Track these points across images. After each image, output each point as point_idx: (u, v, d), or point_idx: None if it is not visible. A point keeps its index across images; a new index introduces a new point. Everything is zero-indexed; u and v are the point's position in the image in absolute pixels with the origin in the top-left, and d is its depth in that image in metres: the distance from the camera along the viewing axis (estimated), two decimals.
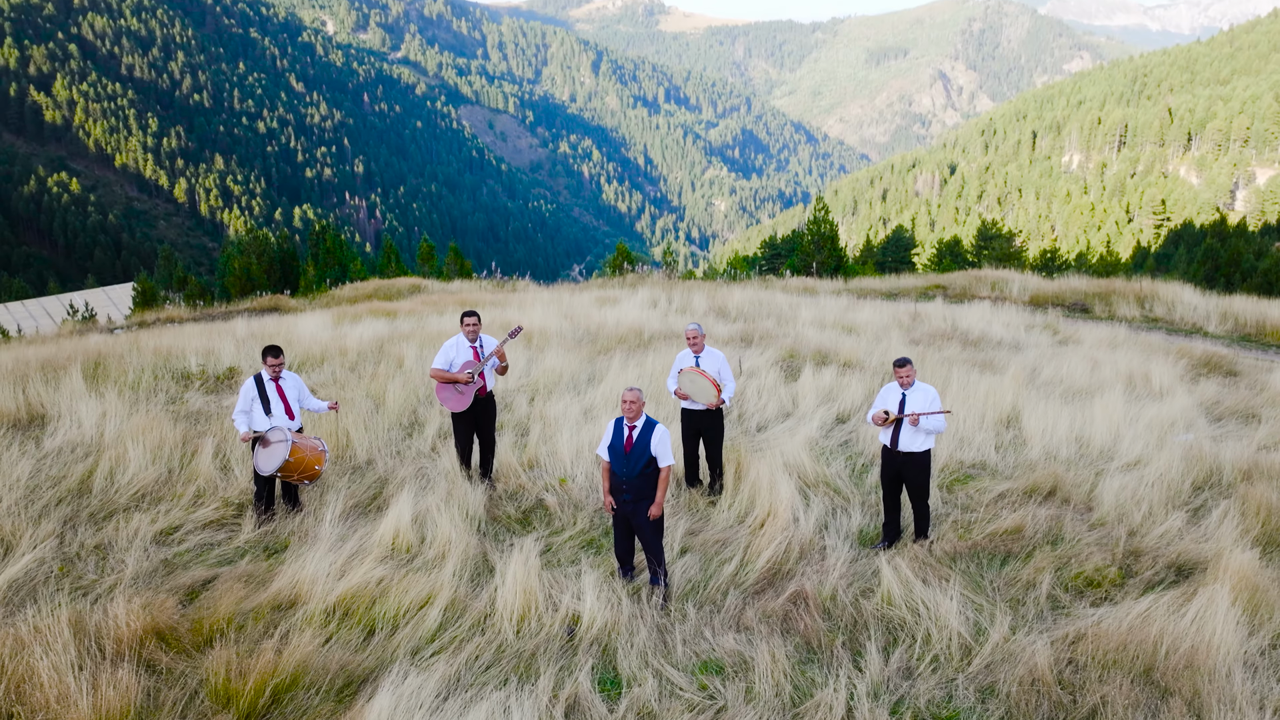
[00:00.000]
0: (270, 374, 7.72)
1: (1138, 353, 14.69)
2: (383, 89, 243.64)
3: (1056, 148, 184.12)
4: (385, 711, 5.20)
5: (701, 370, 8.41)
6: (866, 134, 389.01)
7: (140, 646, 5.72)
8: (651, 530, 6.92)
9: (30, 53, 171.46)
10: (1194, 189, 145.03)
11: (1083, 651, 6.26)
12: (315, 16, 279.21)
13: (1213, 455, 9.85)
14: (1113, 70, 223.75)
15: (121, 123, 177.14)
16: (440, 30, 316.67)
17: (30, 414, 10.19)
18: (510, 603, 6.55)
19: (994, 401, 11.41)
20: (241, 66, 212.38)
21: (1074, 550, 7.76)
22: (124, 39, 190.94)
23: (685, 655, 6.26)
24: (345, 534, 7.38)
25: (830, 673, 6.01)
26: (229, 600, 6.30)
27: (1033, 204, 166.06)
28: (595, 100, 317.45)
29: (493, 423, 8.73)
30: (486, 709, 5.35)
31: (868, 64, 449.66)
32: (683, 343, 14.03)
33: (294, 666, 5.68)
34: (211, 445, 8.99)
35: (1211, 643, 6.25)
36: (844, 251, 30.41)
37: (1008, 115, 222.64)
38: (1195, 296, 20.64)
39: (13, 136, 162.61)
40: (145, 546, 7.23)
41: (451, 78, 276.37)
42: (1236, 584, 6.91)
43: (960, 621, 6.58)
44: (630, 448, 6.79)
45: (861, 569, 7.47)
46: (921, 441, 7.74)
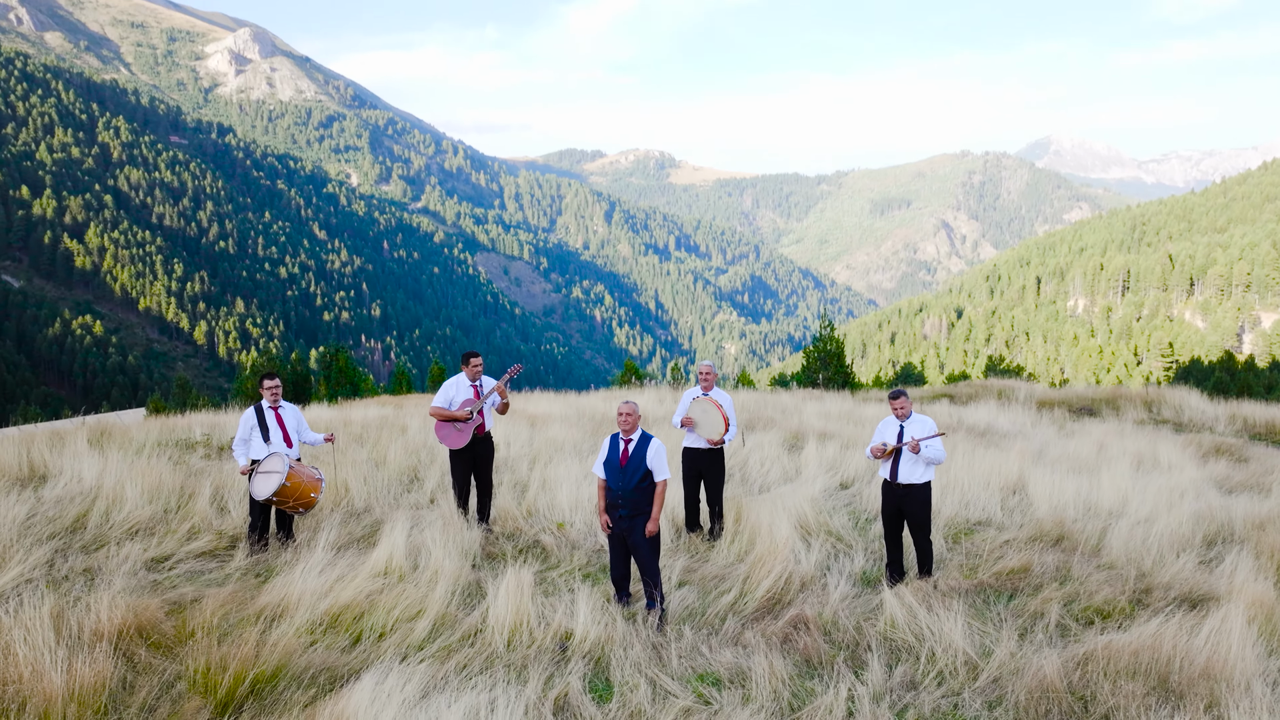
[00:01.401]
0: (269, 401, 7.78)
1: (1145, 439, 14.59)
2: (402, 236, 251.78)
3: (1061, 293, 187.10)
4: (365, 702, 5.01)
5: (715, 401, 8.45)
6: (873, 280, 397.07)
7: (120, 640, 5.58)
8: (648, 549, 6.80)
9: (67, 203, 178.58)
10: (1200, 332, 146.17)
11: (1093, 666, 6.03)
12: (340, 169, 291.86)
13: (1224, 512, 9.68)
14: (1112, 219, 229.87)
15: (148, 268, 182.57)
16: (459, 182, 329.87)
17: (33, 472, 10.19)
18: (502, 618, 6.39)
19: (999, 471, 11.28)
20: (267, 215, 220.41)
21: (1083, 587, 7.56)
22: (157, 190, 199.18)
23: (681, 668, 6.06)
24: (336, 560, 7.27)
25: (831, 684, 5.79)
26: (214, 609, 6.17)
27: (1040, 347, 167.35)
28: (608, 248, 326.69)
29: (490, 464, 8.70)
30: (471, 702, 5.16)
31: (872, 214, 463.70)
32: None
33: (276, 660, 5.52)
34: (209, 489, 8.96)
35: (1228, 659, 6.02)
36: (850, 369, 30.63)
37: (1011, 261, 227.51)
38: (1203, 402, 20.59)
39: (43, 281, 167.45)
40: (135, 570, 7.13)
41: (469, 226, 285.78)
42: (1252, 607, 6.70)
43: (966, 642, 6.36)
44: (626, 461, 6.76)
45: (864, 602, 7.27)
46: (921, 473, 7.67)
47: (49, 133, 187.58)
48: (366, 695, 4.95)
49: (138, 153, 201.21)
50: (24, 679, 4.88)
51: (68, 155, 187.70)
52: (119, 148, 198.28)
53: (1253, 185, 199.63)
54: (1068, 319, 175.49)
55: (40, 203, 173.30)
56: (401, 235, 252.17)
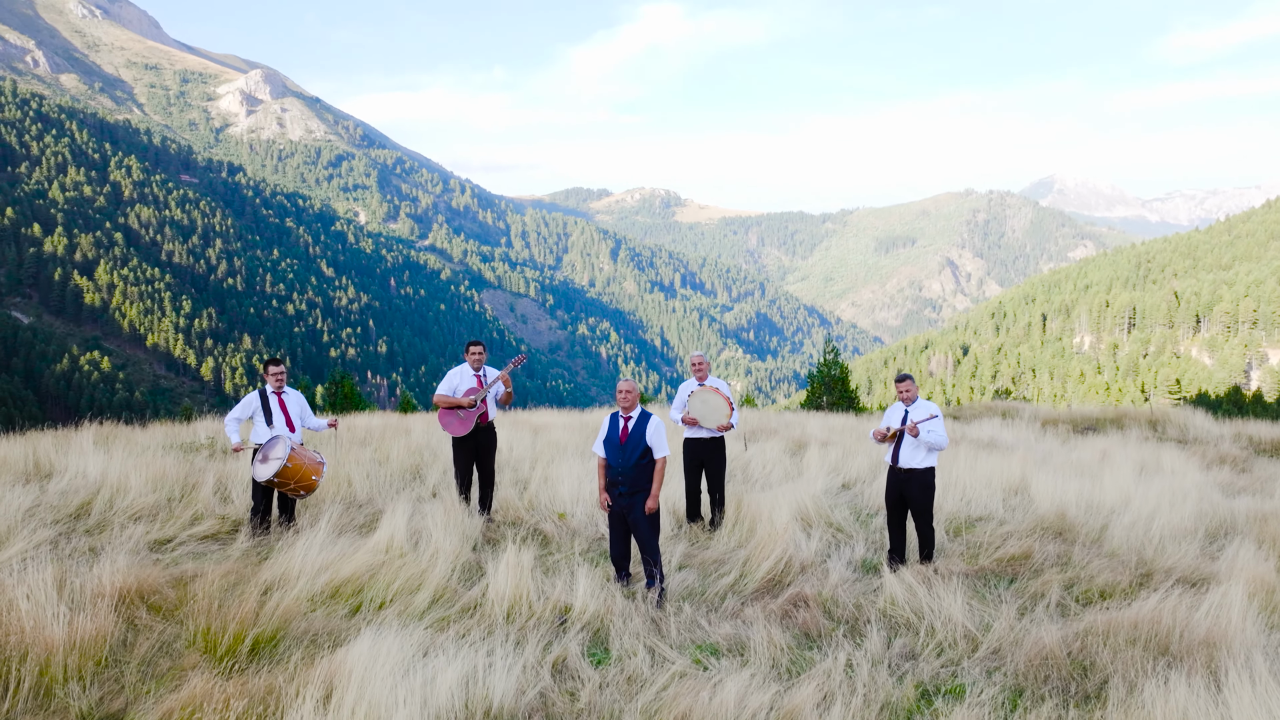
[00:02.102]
0: (273, 386, 7.86)
1: (1149, 450, 14.57)
2: (409, 274, 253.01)
3: (1067, 329, 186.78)
4: (364, 658, 5.01)
5: (717, 389, 8.47)
6: (879, 318, 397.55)
7: (121, 603, 5.62)
8: (647, 526, 6.83)
9: (78, 240, 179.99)
10: (1207, 369, 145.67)
11: (1094, 638, 6.02)
12: (349, 208, 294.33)
13: (1226, 510, 9.66)
14: (1116, 256, 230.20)
15: (156, 304, 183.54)
16: (467, 220, 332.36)
17: (39, 469, 10.24)
18: (501, 591, 6.40)
19: (1001, 473, 11.28)
20: (276, 253, 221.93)
21: (1083, 572, 7.55)
22: (167, 228, 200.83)
23: (680, 638, 6.06)
24: (338, 541, 7.29)
25: (830, 653, 5.78)
26: (216, 578, 6.20)
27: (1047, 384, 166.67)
28: (614, 285, 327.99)
29: (493, 454, 8.74)
30: (470, 661, 5.17)
31: (877, 252, 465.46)
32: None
33: (276, 623, 5.55)
34: (213, 480, 9.01)
35: (1228, 630, 6.01)
36: (855, 394, 30.62)
37: (1017, 299, 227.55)
38: (1209, 422, 20.54)
39: (52, 317, 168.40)
40: (138, 550, 7.16)
41: (476, 264, 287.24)
42: (1252, 584, 6.70)
43: (966, 617, 6.36)
44: (626, 438, 6.81)
45: (865, 585, 7.26)
46: (923, 458, 7.69)
47: (62, 171, 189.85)
48: (365, 651, 4.95)
49: (149, 191, 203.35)
50: (26, 632, 4.91)
51: (80, 194, 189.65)
52: (130, 186, 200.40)
53: (1257, 223, 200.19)
54: (1074, 356, 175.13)
55: (51, 240, 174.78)
56: (408, 272, 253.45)
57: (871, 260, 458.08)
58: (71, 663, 4.78)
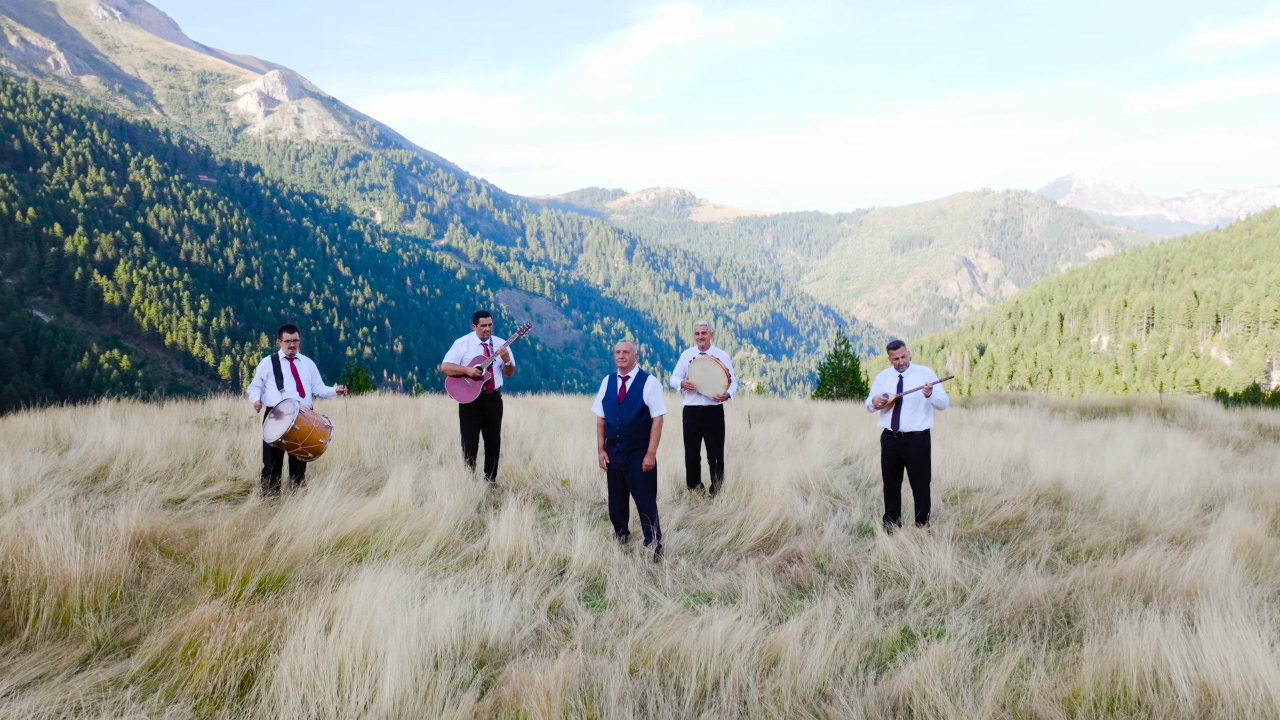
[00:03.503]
0: (285, 351, 8.09)
1: (1154, 432, 14.63)
2: (425, 273, 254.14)
3: (1084, 329, 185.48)
4: (365, 594, 5.18)
5: (716, 359, 8.65)
6: (894, 317, 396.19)
7: (135, 546, 5.84)
8: (644, 484, 7.01)
9: (98, 240, 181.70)
10: (1227, 368, 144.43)
11: (1080, 589, 6.16)
12: (365, 208, 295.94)
13: (1224, 482, 9.74)
14: (1135, 256, 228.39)
15: (175, 304, 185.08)
16: (482, 220, 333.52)
17: (59, 440, 10.51)
18: (502, 544, 6.60)
19: (1003, 450, 11.38)
20: (293, 252, 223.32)
21: (1075, 534, 7.68)
22: (185, 227, 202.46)
23: (674, 588, 6.24)
24: (345, 500, 7.51)
25: (819, 600, 5.94)
26: (227, 527, 6.42)
27: (1064, 384, 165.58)
28: (629, 285, 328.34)
29: (498, 422, 8.94)
30: (468, 603, 5.36)
31: (893, 251, 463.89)
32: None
33: (284, 566, 5.76)
34: (225, 447, 9.26)
35: (1211, 582, 6.14)
36: (866, 385, 30.66)
37: (1034, 298, 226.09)
38: (1219, 410, 20.53)
39: (72, 316, 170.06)
40: (151, 506, 7.40)
41: (491, 263, 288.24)
42: (1238, 541, 6.81)
43: (956, 572, 6.50)
44: (624, 397, 7.00)
45: (860, 545, 7.41)
46: (921, 420, 7.83)
47: (82, 172, 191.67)
48: (367, 588, 5.14)
49: (167, 191, 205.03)
50: (45, 567, 5.14)
51: (100, 194, 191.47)
52: (149, 186, 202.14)
53: (1277, 222, 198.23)
54: (1091, 355, 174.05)
55: (72, 240, 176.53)
56: (424, 272, 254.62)
57: (887, 260, 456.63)
58: (88, 595, 5.01)
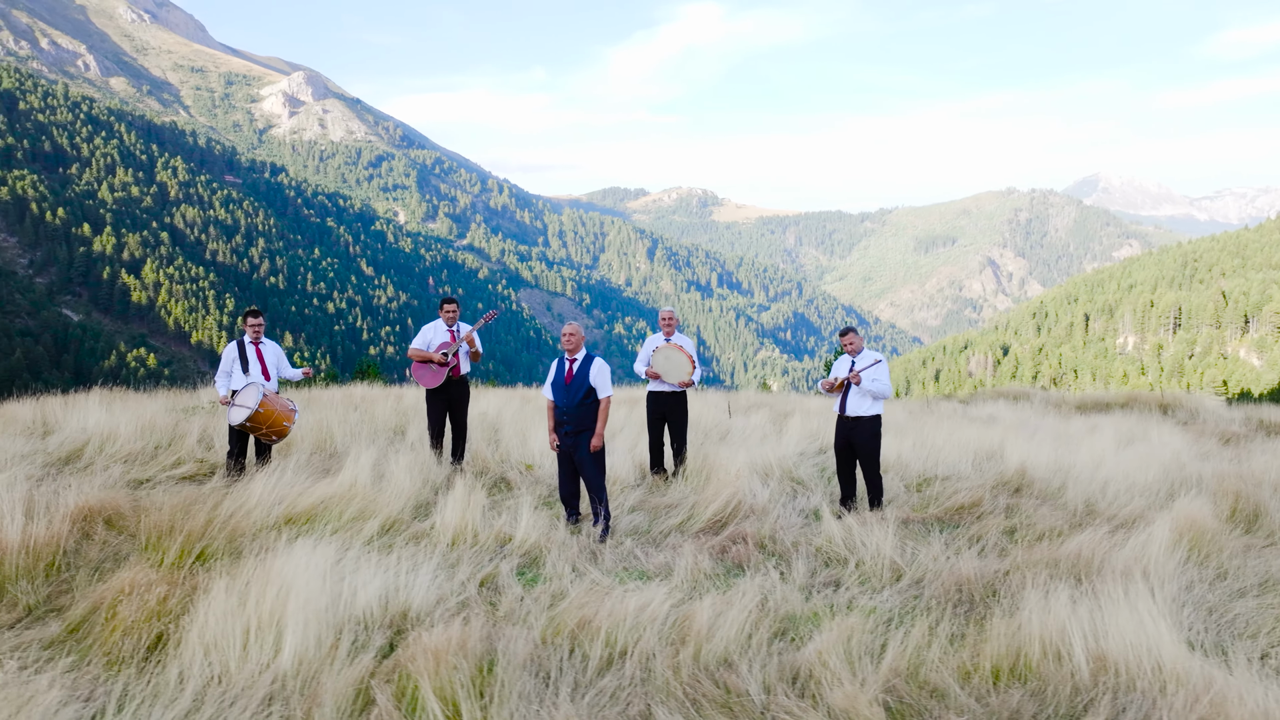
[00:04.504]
0: (250, 336, 8.25)
1: (1144, 425, 14.53)
2: (447, 273, 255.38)
3: (1110, 330, 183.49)
4: (290, 565, 5.16)
5: (680, 346, 8.72)
6: (918, 318, 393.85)
7: (82, 519, 6.00)
8: (592, 465, 7.09)
9: (126, 240, 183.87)
10: (1256, 370, 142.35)
11: (1017, 570, 6.18)
12: (388, 208, 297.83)
13: (1195, 470, 9.69)
14: (1163, 255, 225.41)
15: (201, 303, 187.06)
16: (504, 220, 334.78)
17: (45, 426, 10.75)
18: (448, 522, 6.70)
19: (980, 441, 11.37)
20: (317, 252, 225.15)
21: (1028, 519, 7.69)
22: (211, 227, 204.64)
23: (613, 566, 6.32)
24: (305, 480, 7.64)
25: (753, 579, 6.00)
26: (176, 504, 6.56)
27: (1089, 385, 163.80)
28: (650, 284, 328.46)
29: (465, 407, 9.06)
30: (399, 571, 5.47)
31: (917, 251, 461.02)
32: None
33: (224, 538, 5.89)
34: (198, 431, 9.44)
35: (1147, 564, 6.15)
36: None
37: (1059, 298, 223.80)
38: (1221, 406, 20.34)
39: (100, 315, 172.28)
40: (114, 485, 7.57)
41: (513, 263, 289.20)
42: (1181, 525, 6.80)
43: (896, 553, 6.55)
44: (571, 379, 7.09)
45: (811, 529, 7.45)
46: (869, 406, 7.88)
47: (111, 172, 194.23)
48: (294, 560, 5.22)
49: (194, 191, 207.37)
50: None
51: (128, 194, 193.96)
52: (176, 187, 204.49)
53: None
54: (1117, 356, 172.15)
55: (100, 240, 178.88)
56: (447, 272, 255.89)
57: (911, 260, 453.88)
58: (23, 563, 5.17)
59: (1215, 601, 5.70)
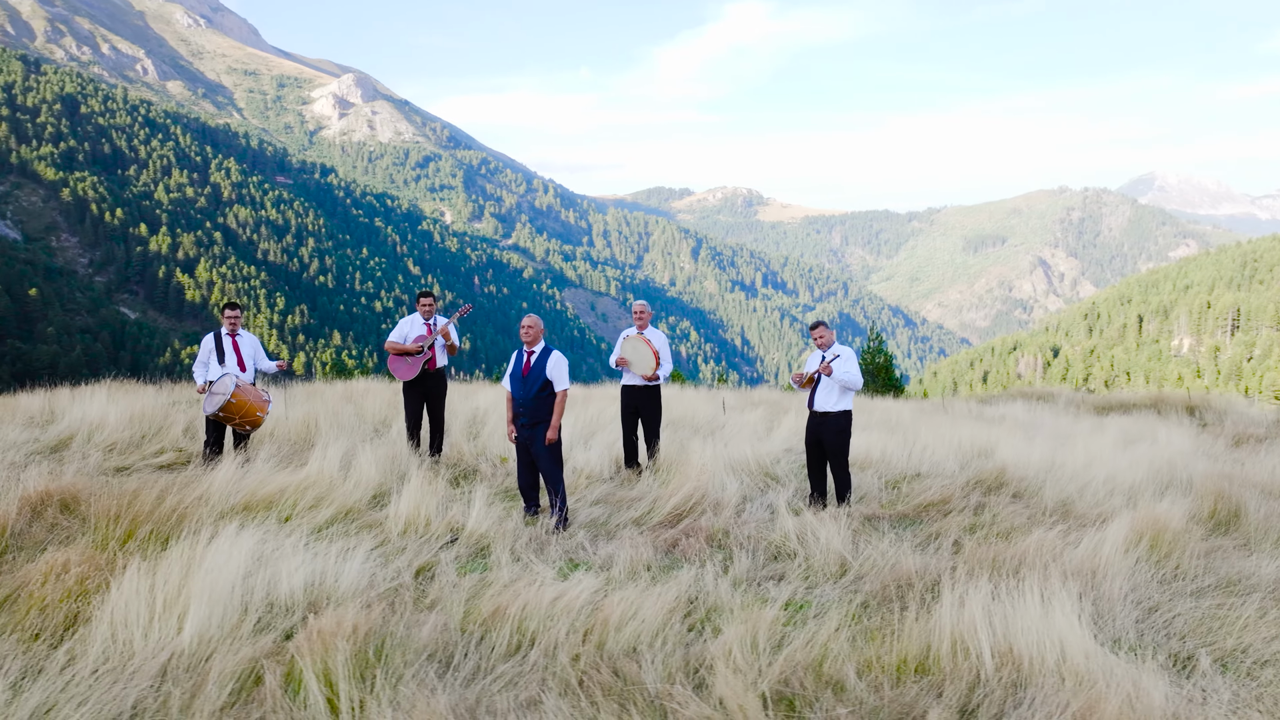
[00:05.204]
0: (227, 328, 8.43)
1: (1155, 425, 14.20)
2: (493, 272, 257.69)
3: (1165, 332, 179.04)
4: (226, 545, 5.26)
5: (646, 339, 8.73)
6: (966, 318, 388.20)
7: (36, 504, 6.17)
8: (548, 457, 7.13)
9: (180, 239, 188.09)
10: None
11: (965, 566, 6.09)
12: (435, 208, 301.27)
13: (1187, 470, 9.46)
14: (1220, 256, 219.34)
15: (252, 301, 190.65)
16: (549, 220, 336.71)
17: (50, 416, 11.07)
18: (401, 512, 6.78)
19: (974, 439, 11.21)
20: (365, 251, 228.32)
21: (995, 516, 7.57)
22: (263, 227, 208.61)
23: (558, 557, 6.35)
24: (276, 470, 7.78)
25: (690, 572, 5.98)
26: (133, 489, 6.72)
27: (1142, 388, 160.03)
28: (694, 284, 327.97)
29: (442, 400, 9.16)
30: (330, 562, 5.54)
31: (965, 251, 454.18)
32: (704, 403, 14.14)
33: (172, 522, 6.03)
34: (185, 421, 9.66)
35: (1099, 562, 6.02)
36: (899, 381, 30.25)
37: (1112, 299, 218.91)
38: (1250, 407, 19.80)
39: (156, 312, 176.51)
40: (90, 472, 7.78)
41: (558, 263, 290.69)
42: (1141, 524, 6.64)
43: (846, 549, 6.49)
44: (527, 372, 7.13)
45: (768, 526, 7.40)
46: (836, 401, 7.82)
47: (167, 174, 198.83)
48: (224, 546, 5.28)
49: (246, 192, 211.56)
50: None
51: (183, 195, 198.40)
52: (229, 187, 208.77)
53: None
54: (1171, 359, 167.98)
55: (156, 239, 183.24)
56: (492, 271, 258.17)
57: (959, 260, 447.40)
58: None
59: (1160, 601, 5.57)
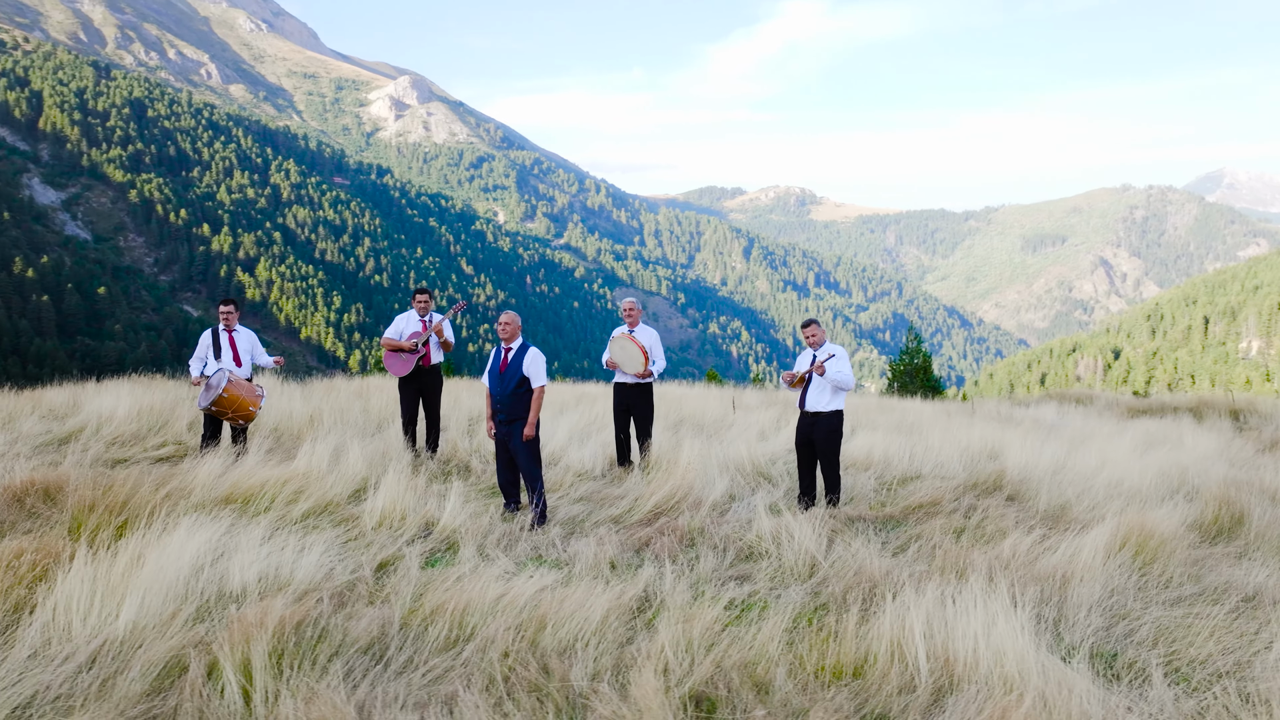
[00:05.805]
0: (223, 324, 8.59)
1: (1184, 429, 13.76)
2: (544, 272, 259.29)
3: (1232, 334, 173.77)
4: (179, 536, 5.36)
5: (633, 337, 8.69)
6: (1024, 319, 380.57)
7: (21, 492, 6.35)
8: (526, 453, 7.14)
9: (241, 239, 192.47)
10: None
11: (937, 569, 5.97)
12: (488, 208, 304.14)
13: (1201, 475, 9.14)
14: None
15: (310, 299, 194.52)
16: (601, 220, 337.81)
17: (75, 408, 11.36)
18: (376, 506, 6.84)
19: (985, 440, 10.97)
20: (419, 251, 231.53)
21: (985, 522, 7.38)
22: (320, 227, 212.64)
23: (526, 553, 6.35)
24: (267, 462, 7.90)
25: (659, 570, 5.94)
26: (119, 481, 6.88)
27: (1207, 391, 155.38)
28: (745, 284, 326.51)
29: (438, 396, 9.23)
30: (290, 555, 5.60)
31: (1024, 250, 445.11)
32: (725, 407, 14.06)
33: (145, 511, 6.15)
34: (191, 414, 9.86)
35: (1078, 567, 5.85)
36: (938, 382, 29.77)
37: (1176, 300, 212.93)
38: None
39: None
40: (85, 464, 7.98)
41: (609, 262, 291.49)
42: (1126, 530, 6.44)
43: (818, 549, 6.39)
44: (505, 368, 7.15)
45: (747, 525, 7.32)
46: (827, 401, 7.70)
47: (229, 175, 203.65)
48: (179, 536, 5.36)
49: (304, 193, 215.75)
50: None
51: (244, 195, 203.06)
52: (288, 188, 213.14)
53: None
54: (1239, 362, 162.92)
55: (218, 239, 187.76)
56: (544, 270, 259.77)
57: (1017, 259, 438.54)
58: None
59: (1131, 609, 5.39)
